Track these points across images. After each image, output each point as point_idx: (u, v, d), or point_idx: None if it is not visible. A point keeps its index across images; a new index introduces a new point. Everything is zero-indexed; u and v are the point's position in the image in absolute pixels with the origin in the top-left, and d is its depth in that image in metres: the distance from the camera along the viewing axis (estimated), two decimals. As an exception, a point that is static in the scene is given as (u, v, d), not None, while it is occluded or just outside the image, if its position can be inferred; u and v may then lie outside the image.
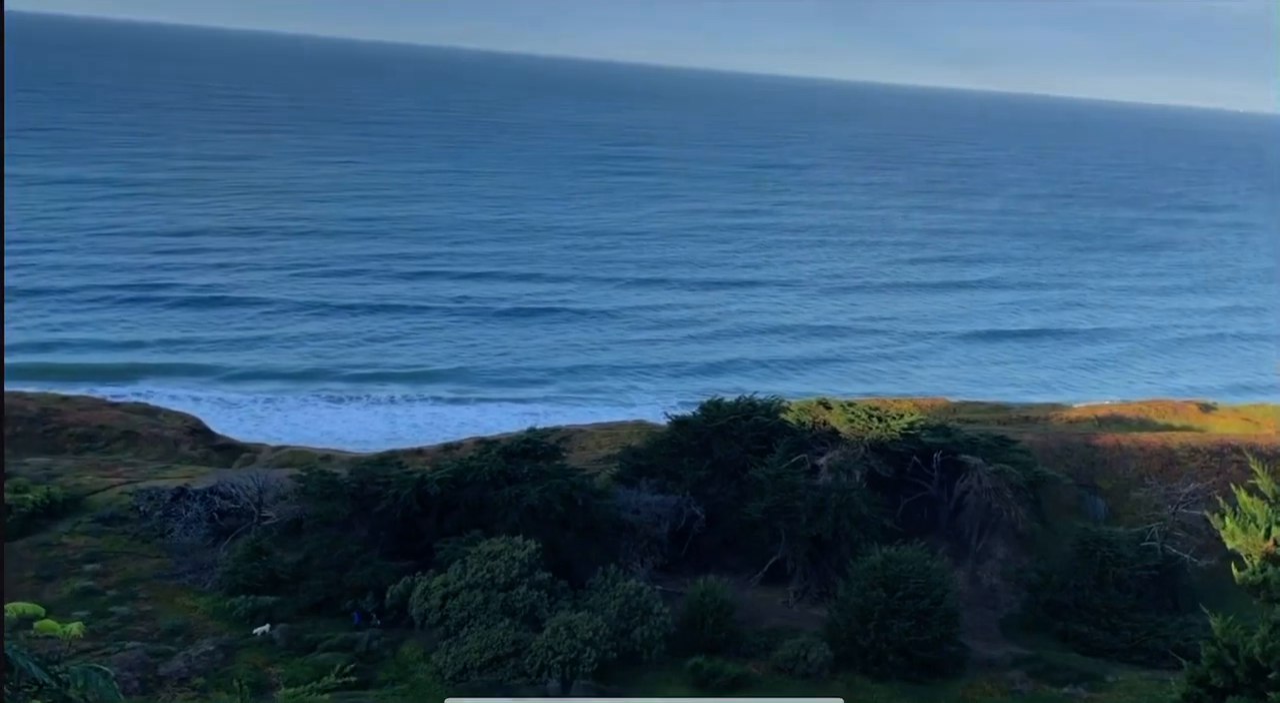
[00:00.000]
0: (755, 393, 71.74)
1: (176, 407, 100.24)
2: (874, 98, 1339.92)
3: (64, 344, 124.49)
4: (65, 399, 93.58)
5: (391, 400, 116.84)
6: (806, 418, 65.39)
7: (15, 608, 15.54)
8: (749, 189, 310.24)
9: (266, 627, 50.93)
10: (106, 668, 14.46)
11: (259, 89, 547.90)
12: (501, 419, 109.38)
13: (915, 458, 63.79)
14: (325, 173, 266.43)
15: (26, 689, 13.39)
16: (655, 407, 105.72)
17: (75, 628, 16.25)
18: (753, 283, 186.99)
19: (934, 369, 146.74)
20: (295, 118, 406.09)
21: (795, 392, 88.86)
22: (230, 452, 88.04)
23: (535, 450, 60.96)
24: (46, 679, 13.56)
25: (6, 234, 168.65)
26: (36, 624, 15.45)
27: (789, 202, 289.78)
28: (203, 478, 67.19)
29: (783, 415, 66.16)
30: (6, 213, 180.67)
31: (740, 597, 57.14)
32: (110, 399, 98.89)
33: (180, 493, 62.80)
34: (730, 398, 69.83)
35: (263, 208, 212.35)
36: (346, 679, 46.62)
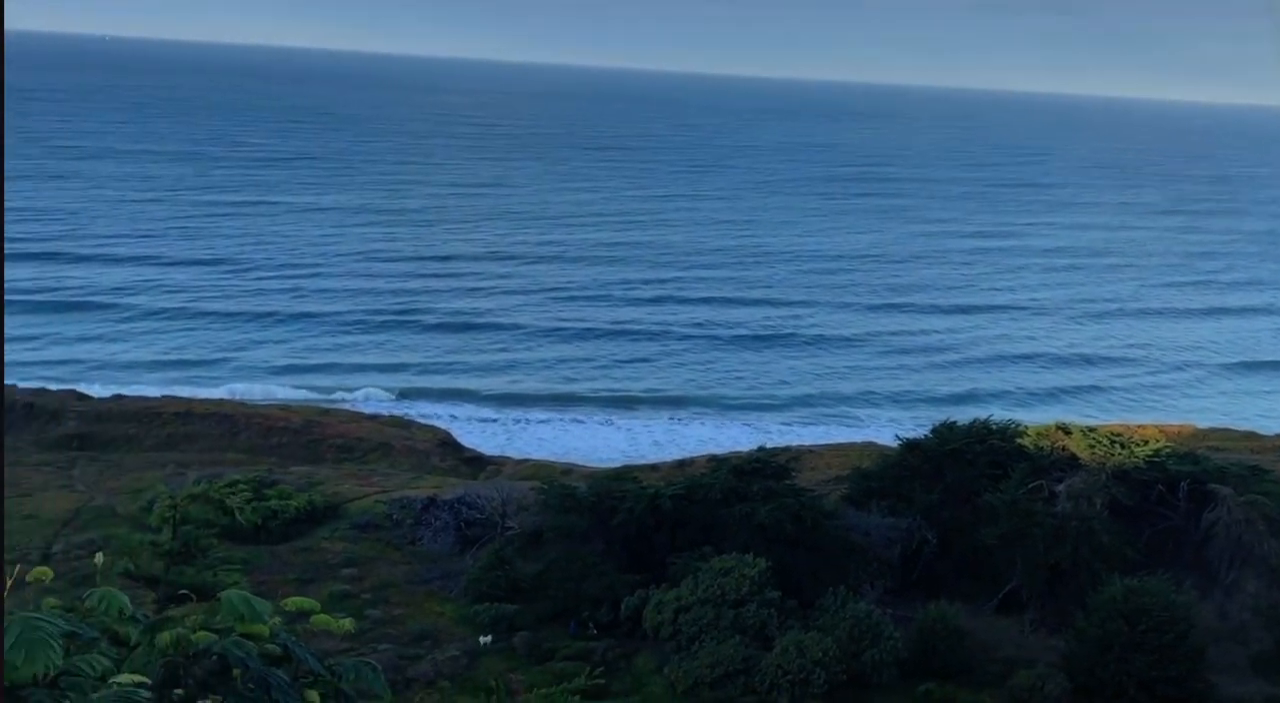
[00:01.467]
0: (990, 416, 70.52)
1: (429, 422, 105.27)
2: (1125, 113, 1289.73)
3: (330, 367, 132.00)
4: (326, 412, 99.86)
5: (632, 420, 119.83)
6: (1045, 443, 63.87)
7: (293, 602, 16.88)
8: (995, 209, 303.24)
9: (489, 638, 53.06)
10: (375, 663, 15.64)
11: (502, 117, 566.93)
12: (737, 437, 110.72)
13: (1160, 486, 61.67)
14: (569, 199, 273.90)
15: (303, 680, 14.66)
16: (886, 429, 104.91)
17: (347, 623, 17.41)
18: (999, 308, 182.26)
19: (1194, 399, 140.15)
20: (538, 144, 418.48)
21: (1042, 422, 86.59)
22: (477, 464, 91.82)
23: (765, 469, 61.54)
24: (322, 671, 14.77)
25: (283, 259, 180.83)
26: (312, 619, 16.86)
27: (1037, 222, 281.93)
28: (451, 489, 70.32)
29: (1019, 440, 64.81)
30: (280, 240, 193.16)
31: (972, 624, 56.24)
32: (368, 413, 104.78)
33: (430, 503, 65.95)
34: (964, 421, 68.89)
35: (511, 233, 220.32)
36: (596, 682, 48.58)
